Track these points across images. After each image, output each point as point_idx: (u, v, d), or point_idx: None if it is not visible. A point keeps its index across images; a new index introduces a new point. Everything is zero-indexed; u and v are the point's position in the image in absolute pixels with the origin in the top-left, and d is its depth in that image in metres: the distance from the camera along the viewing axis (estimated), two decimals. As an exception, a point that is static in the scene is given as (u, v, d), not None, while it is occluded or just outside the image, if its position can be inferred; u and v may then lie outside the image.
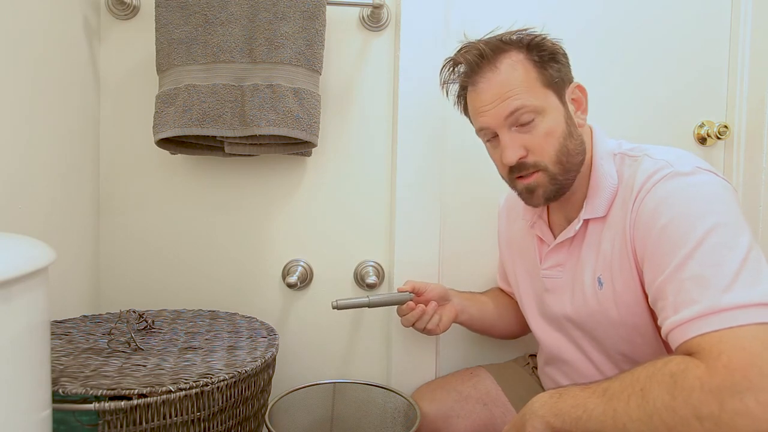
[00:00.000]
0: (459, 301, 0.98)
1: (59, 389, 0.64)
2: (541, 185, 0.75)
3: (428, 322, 0.92)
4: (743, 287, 0.56)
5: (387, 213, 1.15)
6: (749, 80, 1.15)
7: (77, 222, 1.02)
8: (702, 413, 0.51)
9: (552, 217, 0.88)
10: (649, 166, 0.69)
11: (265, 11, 0.98)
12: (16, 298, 0.50)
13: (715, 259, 0.58)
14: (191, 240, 1.12)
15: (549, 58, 0.76)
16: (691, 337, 0.57)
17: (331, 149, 1.13)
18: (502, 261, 1.03)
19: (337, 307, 0.89)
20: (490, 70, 0.76)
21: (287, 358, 1.13)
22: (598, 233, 0.77)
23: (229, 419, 0.74)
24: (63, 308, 0.96)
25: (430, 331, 0.94)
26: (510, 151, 0.74)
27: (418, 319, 0.92)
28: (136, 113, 1.08)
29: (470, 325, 1.00)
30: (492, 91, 0.75)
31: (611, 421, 0.57)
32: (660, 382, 0.55)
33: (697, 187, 0.64)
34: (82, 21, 1.02)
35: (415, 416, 0.88)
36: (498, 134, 0.76)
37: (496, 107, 0.75)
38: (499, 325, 1.01)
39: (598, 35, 1.16)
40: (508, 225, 1.00)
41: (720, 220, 0.60)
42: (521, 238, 0.94)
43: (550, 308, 0.86)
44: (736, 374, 0.51)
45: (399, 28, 1.09)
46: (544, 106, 0.74)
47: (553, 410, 0.62)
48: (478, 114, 0.78)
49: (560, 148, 0.74)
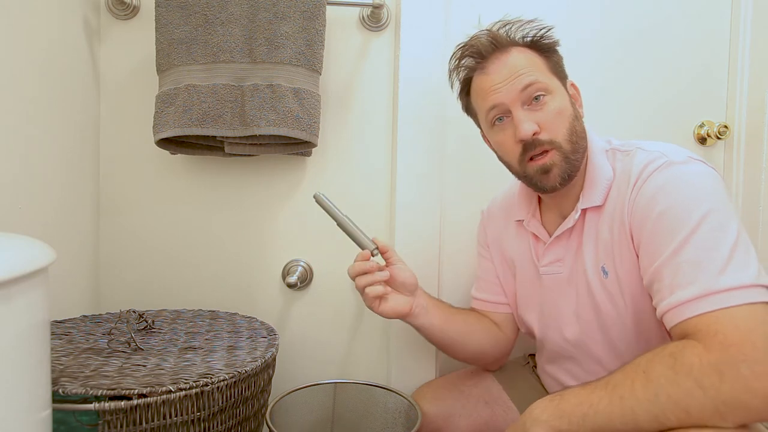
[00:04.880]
0: (423, 302, 0.88)
1: (59, 389, 0.64)
2: (556, 164, 0.76)
3: (373, 287, 0.82)
4: (736, 270, 0.60)
5: (387, 213, 1.15)
6: (749, 80, 1.15)
7: (77, 222, 1.02)
8: (704, 383, 0.54)
9: (545, 215, 0.87)
10: (645, 157, 0.72)
11: (265, 11, 0.98)
12: (16, 298, 0.50)
13: (709, 243, 0.62)
14: (191, 240, 1.12)
15: (551, 50, 0.81)
16: (688, 318, 0.60)
17: (331, 149, 1.13)
18: (484, 268, 0.98)
19: (315, 197, 0.85)
20: (500, 54, 0.79)
21: (287, 358, 1.13)
22: (595, 223, 0.78)
23: (229, 419, 0.74)
24: (63, 308, 0.96)
25: (367, 300, 0.84)
26: (526, 125, 0.75)
27: (364, 272, 0.82)
28: (136, 113, 1.08)
29: (429, 333, 0.90)
30: (504, 71, 0.77)
31: (618, 409, 0.58)
32: (660, 362, 0.58)
33: (691, 176, 0.67)
34: (82, 21, 1.02)
35: (416, 416, 0.88)
36: (511, 111, 0.77)
37: (509, 84, 0.76)
38: (464, 344, 0.92)
39: (599, 36, 1.16)
40: (497, 228, 0.96)
41: (713, 207, 0.64)
42: (514, 239, 0.93)
43: (553, 305, 0.85)
44: (731, 349, 0.55)
45: (399, 28, 1.09)
46: (553, 87, 0.77)
47: (557, 413, 0.62)
48: (490, 93, 0.78)
49: (570, 127, 0.76)
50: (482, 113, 0.82)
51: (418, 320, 0.88)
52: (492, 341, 0.94)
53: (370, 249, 0.84)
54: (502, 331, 0.95)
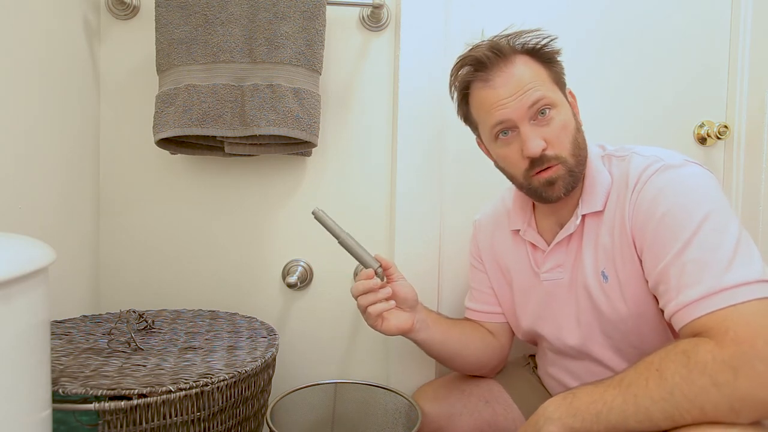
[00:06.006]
0: (423, 317, 0.87)
1: (59, 389, 0.64)
2: (561, 177, 0.76)
3: (374, 305, 0.81)
4: (740, 267, 0.60)
5: (387, 213, 1.15)
6: (749, 80, 1.15)
7: (77, 222, 1.02)
8: (719, 380, 0.55)
9: (541, 224, 0.87)
10: (641, 162, 0.73)
11: (265, 11, 0.98)
12: (16, 298, 0.50)
13: (712, 243, 0.63)
14: (191, 240, 1.12)
15: (553, 58, 0.80)
16: (698, 317, 0.60)
17: (331, 149, 1.13)
18: (478, 279, 0.98)
19: (315, 213, 0.82)
20: (505, 66, 0.77)
21: (287, 358, 1.13)
22: (595, 228, 0.78)
23: (229, 419, 0.74)
24: (63, 308, 0.96)
25: (370, 319, 0.82)
26: (534, 142, 0.75)
27: (368, 291, 0.81)
28: (136, 113, 1.08)
29: (430, 348, 0.90)
30: (511, 85, 0.76)
31: (633, 407, 0.59)
32: (674, 360, 0.58)
33: (690, 178, 0.69)
34: (82, 21, 1.02)
35: (416, 417, 0.88)
36: (518, 127, 0.76)
37: (516, 99, 0.76)
38: (464, 355, 0.92)
39: (599, 37, 1.16)
40: (490, 238, 0.96)
41: (713, 207, 0.65)
42: (509, 249, 0.92)
43: (554, 310, 0.85)
44: (743, 345, 0.55)
45: (399, 28, 1.09)
46: (557, 100, 0.77)
47: (570, 411, 0.62)
48: (496, 108, 0.77)
49: (573, 140, 0.77)
50: (486, 127, 0.80)
51: (420, 335, 0.87)
52: (489, 350, 0.94)
53: (374, 267, 0.83)
54: (497, 340, 0.95)
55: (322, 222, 0.83)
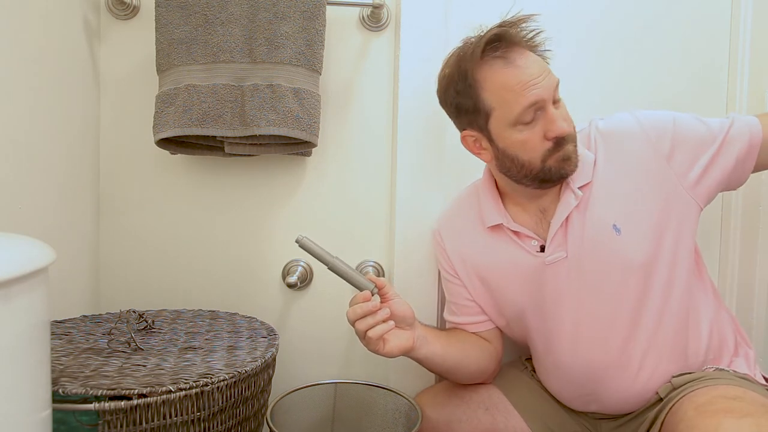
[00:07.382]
0: (422, 333, 0.84)
1: (59, 389, 0.64)
2: (573, 152, 0.81)
3: (374, 328, 0.76)
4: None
5: (387, 213, 1.15)
6: (749, 79, 1.15)
7: (77, 222, 1.02)
8: None
9: (518, 215, 0.88)
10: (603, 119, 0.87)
11: (265, 11, 0.98)
12: (16, 298, 0.50)
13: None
14: (191, 240, 1.12)
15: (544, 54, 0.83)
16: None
17: (331, 149, 1.13)
18: (456, 293, 0.95)
19: (299, 241, 0.77)
20: (524, 48, 0.80)
21: (287, 358, 1.13)
22: (587, 196, 0.83)
23: (229, 419, 0.74)
24: (63, 308, 0.96)
25: (371, 343, 0.77)
26: (563, 122, 0.79)
27: (366, 314, 0.77)
28: (136, 113, 1.08)
29: (431, 363, 0.86)
30: (536, 65, 0.78)
31: None
32: None
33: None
34: (82, 21, 1.02)
35: (416, 417, 0.88)
36: (545, 108, 0.78)
37: (545, 79, 0.77)
38: (465, 365, 0.90)
39: (599, 34, 1.15)
40: (458, 242, 0.94)
41: None
42: (487, 247, 0.90)
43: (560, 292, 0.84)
44: None
45: (399, 28, 1.09)
46: None
47: None
48: (528, 88, 0.75)
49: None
50: (510, 110, 0.77)
51: (421, 352, 0.83)
52: (488, 356, 0.93)
53: (369, 288, 0.79)
54: (493, 345, 0.95)
55: (307, 249, 0.78)
